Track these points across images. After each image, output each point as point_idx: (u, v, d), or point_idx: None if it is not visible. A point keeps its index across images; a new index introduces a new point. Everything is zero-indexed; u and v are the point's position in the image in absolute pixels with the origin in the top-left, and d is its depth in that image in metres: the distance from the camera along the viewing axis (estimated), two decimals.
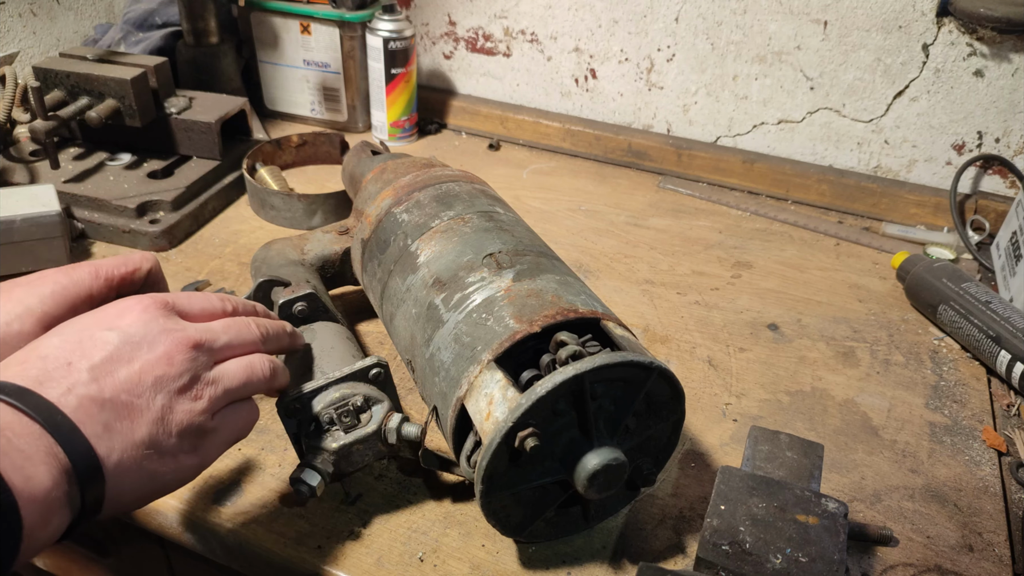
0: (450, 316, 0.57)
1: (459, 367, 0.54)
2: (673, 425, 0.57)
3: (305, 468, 0.54)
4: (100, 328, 0.45)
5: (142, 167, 0.99)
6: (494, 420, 0.49)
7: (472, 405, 0.52)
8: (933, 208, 1.04)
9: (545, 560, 0.57)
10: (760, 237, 1.01)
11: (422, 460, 0.57)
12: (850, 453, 0.68)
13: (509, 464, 0.50)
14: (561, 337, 0.52)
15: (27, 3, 1.15)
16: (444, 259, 0.62)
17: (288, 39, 1.18)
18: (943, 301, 0.82)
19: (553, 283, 0.58)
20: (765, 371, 0.77)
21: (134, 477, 0.43)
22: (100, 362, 0.43)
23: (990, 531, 0.62)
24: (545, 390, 0.48)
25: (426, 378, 0.58)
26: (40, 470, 0.38)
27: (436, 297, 0.59)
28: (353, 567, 0.55)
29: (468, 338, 0.55)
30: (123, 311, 0.46)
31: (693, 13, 1.08)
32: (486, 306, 0.56)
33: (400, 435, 0.56)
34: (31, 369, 0.42)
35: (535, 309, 0.54)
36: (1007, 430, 0.72)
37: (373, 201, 0.73)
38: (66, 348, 0.43)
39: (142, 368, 0.44)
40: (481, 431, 0.51)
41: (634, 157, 1.18)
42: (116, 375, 0.43)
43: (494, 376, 0.52)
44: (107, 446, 0.41)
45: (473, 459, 0.53)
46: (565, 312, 0.54)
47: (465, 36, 1.24)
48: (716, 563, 0.47)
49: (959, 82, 1.00)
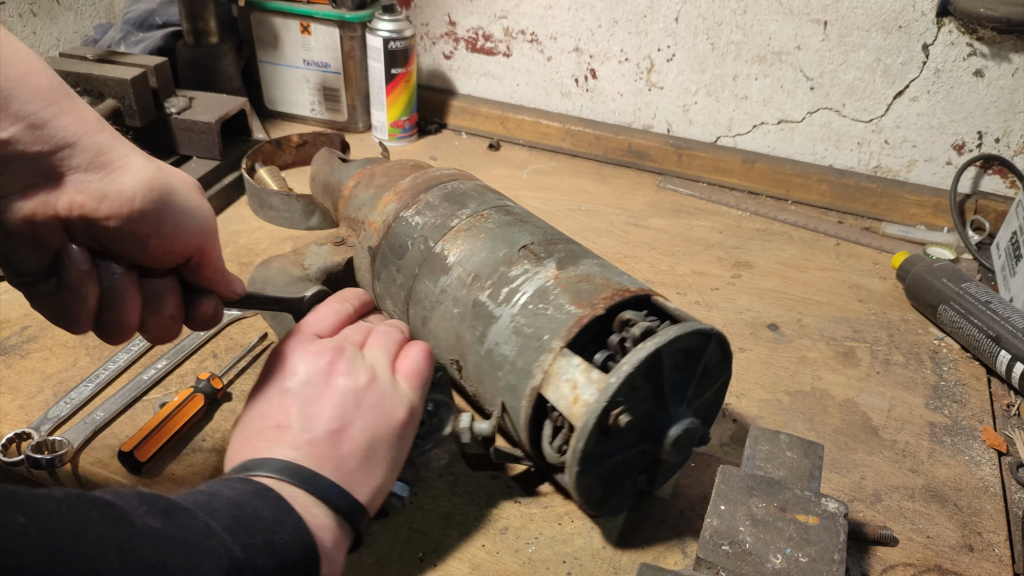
0: (502, 311, 0.58)
1: (527, 358, 0.55)
2: (720, 386, 0.60)
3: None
4: (281, 384, 0.50)
5: None
6: (584, 403, 0.51)
7: (552, 392, 0.53)
8: (933, 208, 1.04)
9: (545, 560, 0.57)
10: (760, 237, 1.01)
11: (494, 456, 0.58)
12: (850, 453, 0.68)
13: (596, 443, 0.52)
14: (626, 316, 0.55)
15: (27, 3, 1.15)
16: (478, 256, 0.62)
17: (288, 39, 1.18)
18: (943, 301, 0.82)
19: (595, 267, 0.61)
20: (765, 371, 0.77)
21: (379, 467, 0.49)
22: (299, 414, 0.49)
23: (990, 531, 0.62)
24: (632, 366, 0.50)
25: (483, 375, 0.59)
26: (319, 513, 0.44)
27: (480, 294, 0.60)
28: (353, 567, 0.55)
29: (530, 329, 0.56)
30: (289, 363, 0.51)
31: (693, 13, 1.08)
32: (540, 296, 0.58)
33: (473, 433, 0.57)
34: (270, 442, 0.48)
35: (591, 293, 0.56)
36: (1007, 430, 0.72)
37: (374, 207, 0.71)
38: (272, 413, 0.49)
39: (328, 394, 0.49)
40: (570, 415, 0.52)
41: (634, 157, 1.18)
42: (314, 414, 0.49)
43: (571, 361, 0.53)
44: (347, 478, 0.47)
45: (556, 444, 0.55)
46: (621, 292, 0.57)
47: (465, 36, 1.24)
48: (716, 563, 0.47)
49: (959, 82, 1.00)
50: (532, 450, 0.58)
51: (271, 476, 0.44)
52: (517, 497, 0.62)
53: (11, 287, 0.85)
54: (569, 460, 0.52)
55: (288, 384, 0.50)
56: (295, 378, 0.50)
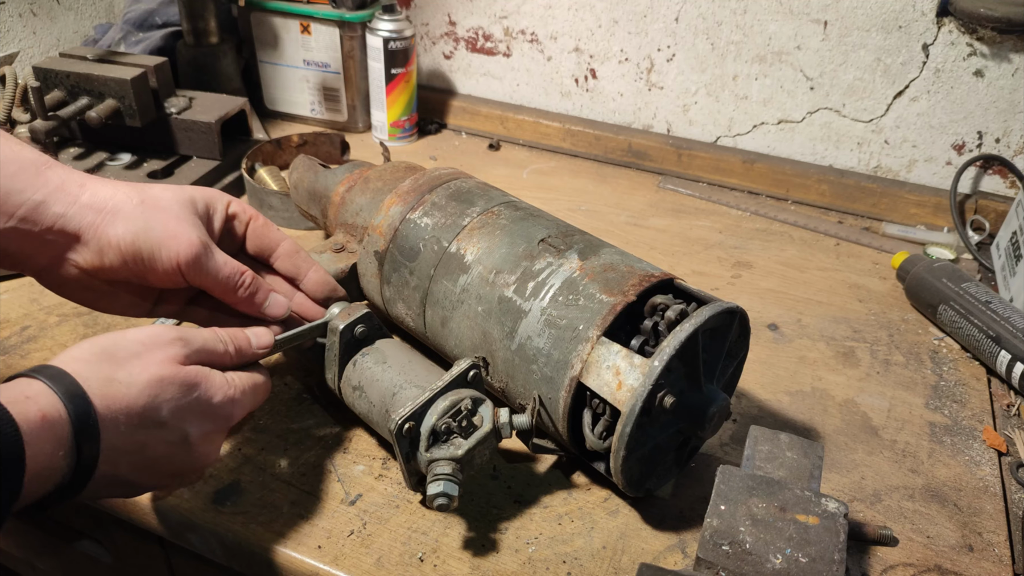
0: (531, 304, 0.59)
1: (563, 349, 0.57)
2: (739, 362, 0.63)
3: (440, 481, 0.54)
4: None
5: (142, 167, 0.99)
6: (629, 387, 0.53)
7: (593, 380, 0.55)
8: (933, 208, 1.04)
9: (545, 560, 0.57)
10: (760, 237, 1.01)
11: (532, 448, 0.59)
12: (850, 453, 0.68)
13: (638, 426, 0.53)
14: (658, 300, 0.57)
15: (27, 3, 1.15)
16: (497, 253, 0.63)
17: (288, 39, 1.18)
18: (943, 301, 0.82)
19: (616, 256, 0.62)
20: (765, 371, 0.77)
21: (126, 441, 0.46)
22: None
23: (990, 531, 0.62)
24: (674, 348, 0.53)
25: (514, 369, 0.60)
26: (39, 402, 0.43)
27: (506, 290, 0.61)
28: (353, 567, 0.56)
29: (564, 320, 0.57)
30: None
31: (693, 13, 1.08)
32: (569, 287, 0.59)
33: (513, 427, 0.57)
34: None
35: (619, 281, 0.58)
36: (1007, 430, 0.72)
37: (376, 211, 0.71)
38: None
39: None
40: (614, 401, 0.54)
41: (634, 157, 1.18)
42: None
43: (611, 349, 0.55)
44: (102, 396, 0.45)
45: (597, 431, 0.57)
46: (648, 278, 0.59)
47: (465, 36, 1.24)
48: (716, 563, 0.47)
49: (959, 82, 1.00)
50: (570, 439, 0.59)
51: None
52: (517, 497, 0.62)
53: (11, 287, 0.85)
54: (616, 445, 0.54)
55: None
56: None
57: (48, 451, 0.42)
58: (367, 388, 0.60)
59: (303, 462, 0.64)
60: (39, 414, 0.42)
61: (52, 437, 0.42)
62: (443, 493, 0.53)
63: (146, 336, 0.49)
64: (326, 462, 0.64)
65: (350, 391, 0.62)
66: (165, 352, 0.49)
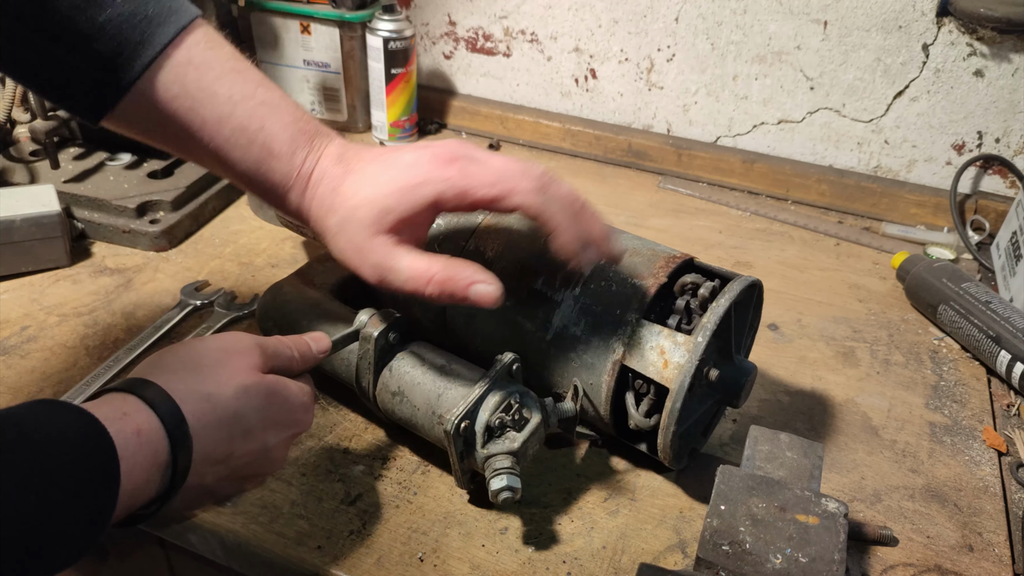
0: (563, 295, 0.61)
1: (602, 335, 0.58)
2: (753, 331, 0.67)
3: (503, 475, 0.55)
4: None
5: (142, 167, 0.99)
6: (676, 365, 0.55)
7: (637, 362, 0.57)
8: (933, 208, 1.04)
9: (545, 560, 0.57)
10: (760, 237, 1.01)
11: (575, 436, 0.61)
12: (850, 453, 0.68)
13: (686, 401, 0.55)
14: (688, 279, 0.59)
15: None
16: (518, 248, 0.63)
17: (288, 39, 1.18)
18: (943, 301, 0.82)
19: (635, 241, 0.65)
20: (765, 371, 0.77)
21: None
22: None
23: (990, 531, 0.62)
24: (715, 324, 0.55)
25: (549, 360, 0.61)
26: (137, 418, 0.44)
27: (533, 283, 0.62)
28: (353, 567, 0.56)
29: (599, 307, 0.59)
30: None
31: (693, 13, 1.08)
32: (599, 274, 0.61)
33: (560, 415, 0.59)
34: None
35: (646, 264, 0.61)
36: (1007, 430, 0.72)
37: None
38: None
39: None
40: (662, 379, 0.56)
41: (634, 157, 1.18)
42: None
43: (652, 330, 0.57)
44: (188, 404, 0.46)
45: (642, 410, 0.59)
46: (672, 260, 0.61)
47: (465, 36, 1.24)
48: (716, 563, 0.47)
49: (959, 82, 1.00)
50: (612, 422, 0.60)
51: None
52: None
53: (11, 287, 0.85)
54: (666, 421, 0.56)
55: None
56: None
57: (144, 465, 0.43)
58: (408, 392, 0.60)
59: (303, 462, 0.64)
60: (135, 430, 0.43)
61: (149, 453, 0.43)
62: (508, 487, 0.54)
63: (227, 344, 0.50)
64: (326, 462, 0.64)
65: (388, 397, 0.61)
66: (245, 360, 0.50)
